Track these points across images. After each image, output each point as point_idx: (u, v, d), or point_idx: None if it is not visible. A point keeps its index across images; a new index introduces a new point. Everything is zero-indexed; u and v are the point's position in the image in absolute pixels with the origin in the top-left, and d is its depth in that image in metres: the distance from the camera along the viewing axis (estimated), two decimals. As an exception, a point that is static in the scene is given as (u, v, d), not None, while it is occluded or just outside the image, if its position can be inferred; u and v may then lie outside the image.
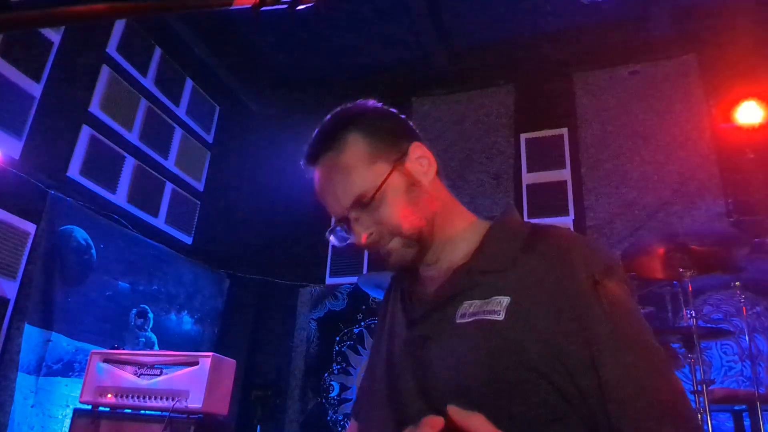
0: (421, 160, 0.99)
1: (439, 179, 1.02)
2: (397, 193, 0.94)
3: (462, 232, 1.00)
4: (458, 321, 0.88)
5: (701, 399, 2.78)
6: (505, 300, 0.85)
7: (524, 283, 0.86)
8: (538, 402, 0.79)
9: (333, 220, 1.00)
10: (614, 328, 0.81)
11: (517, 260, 0.89)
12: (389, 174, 0.94)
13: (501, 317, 0.84)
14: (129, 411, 2.93)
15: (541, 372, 0.79)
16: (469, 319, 0.87)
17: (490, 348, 0.83)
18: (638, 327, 0.83)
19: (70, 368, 3.71)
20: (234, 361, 3.17)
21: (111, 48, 4.45)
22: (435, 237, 0.98)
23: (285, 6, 0.62)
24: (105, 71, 4.38)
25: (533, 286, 0.85)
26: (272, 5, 0.61)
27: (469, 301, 0.89)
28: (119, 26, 4.53)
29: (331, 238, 1.01)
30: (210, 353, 2.98)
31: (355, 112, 1.00)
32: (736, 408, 3.19)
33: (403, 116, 1.05)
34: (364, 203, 0.93)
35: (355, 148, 0.96)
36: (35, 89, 3.80)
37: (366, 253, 5.23)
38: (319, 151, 0.99)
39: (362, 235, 0.94)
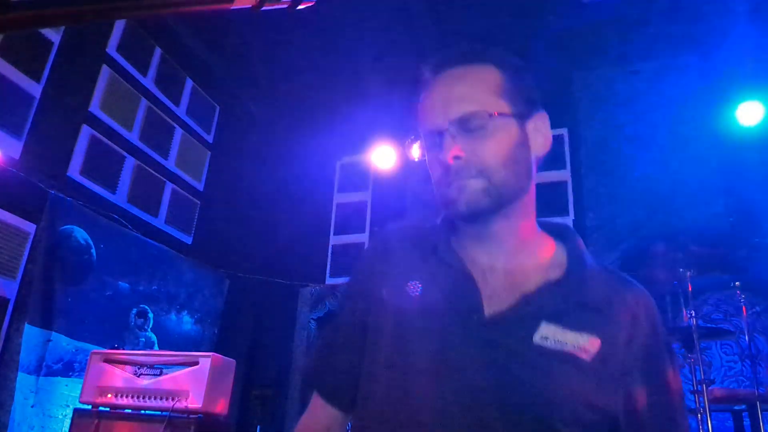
0: (542, 131, 0.94)
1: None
2: (506, 138, 0.89)
3: (536, 238, 0.95)
4: (537, 342, 0.84)
5: (701, 399, 2.78)
6: (597, 342, 0.85)
7: (615, 329, 0.87)
8: None
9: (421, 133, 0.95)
10: (675, 391, 0.90)
11: (611, 304, 0.89)
12: (509, 116, 0.90)
13: (589, 358, 0.84)
14: (129, 411, 2.93)
15: (607, 414, 0.84)
16: (553, 346, 0.84)
17: (573, 385, 0.83)
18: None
19: (70, 368, 3.71)
20: (234, 361, 3.17)
21: (111, 48, 4.45)
22: (511, 214, 0.91)
23: (285, 6, 0.62)
24: (105, 71, 4.37)
25: (621, 335, 0.86)
26: (272, 5, 0.61)
27: (554, 326, 0.85)
28: (119, 26, 4.53)
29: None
30: (210, 353, 2.98)
31: (503, 54, 0.95)
32: (736, 408, 3.20)
33: None
34: (472, 125, 0.88)
35: (491, 77, 0.91)
36: (35, 89, 3.80)
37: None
38: (454, 61, 0.93)
39: (453, 151, 0.87)
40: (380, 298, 0.95)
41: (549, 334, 0.84)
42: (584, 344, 0.84)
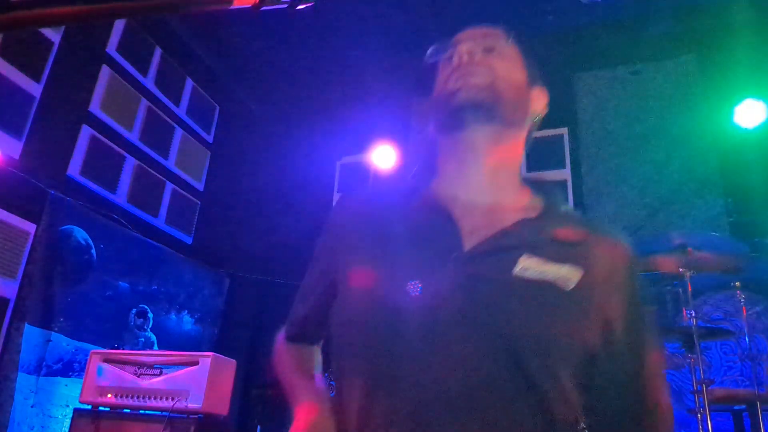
0: (541, 99, 1.05)
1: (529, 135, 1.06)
2: (515, 70, 1.00)
3: (515, 184, 1.00)
4: (518, 273, 0.86)
5: (701, 399, 2.78)
6: (578, 273, 0.88)
7: (593, 264, 0.90)
8: (578, 368, 0.86)
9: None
10: (642, 315, 0.94)
11: (586, 239, 0.93)
12: (521, 66, 1.01)
13: (569, 289, 0.87)
14: (129, 411, 2.93)
15: (584, 343, 0.87)
16: (534, 276, 0.86)
17: (553, 313, 0.85)
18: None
19: (70, 368, 3.71)
20: (234, 361, 3.17)
21: (111, 48, 4.45)
22: (500, 135, 0.98)
23: (285, 6, 0.62)
24: (105, 71, 4.37)
25: (599, 271, 0.90)
26: (272, 5, 0.61)
27: (534, 258, 0.87)
28: (119, 26, 4.53)
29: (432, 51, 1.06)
30: (210, 353, 2.98)
31: (519, 35, 1.08)
32: (736, 408, 3.19)
33: None
34: (491, 44, 1.00)
35: (512, 49, 1.04)
36: (35, 89, 3.80)
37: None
38: (488, 25, 1.05)
39: (469, 47, 0.98)
40: (353, 253, 0.98)
41: (529, 266, 0.87)
42: (565, 274, 0.87)
